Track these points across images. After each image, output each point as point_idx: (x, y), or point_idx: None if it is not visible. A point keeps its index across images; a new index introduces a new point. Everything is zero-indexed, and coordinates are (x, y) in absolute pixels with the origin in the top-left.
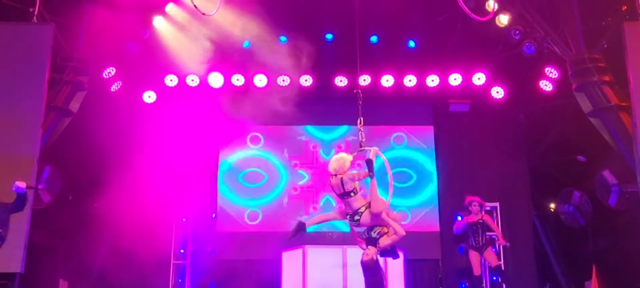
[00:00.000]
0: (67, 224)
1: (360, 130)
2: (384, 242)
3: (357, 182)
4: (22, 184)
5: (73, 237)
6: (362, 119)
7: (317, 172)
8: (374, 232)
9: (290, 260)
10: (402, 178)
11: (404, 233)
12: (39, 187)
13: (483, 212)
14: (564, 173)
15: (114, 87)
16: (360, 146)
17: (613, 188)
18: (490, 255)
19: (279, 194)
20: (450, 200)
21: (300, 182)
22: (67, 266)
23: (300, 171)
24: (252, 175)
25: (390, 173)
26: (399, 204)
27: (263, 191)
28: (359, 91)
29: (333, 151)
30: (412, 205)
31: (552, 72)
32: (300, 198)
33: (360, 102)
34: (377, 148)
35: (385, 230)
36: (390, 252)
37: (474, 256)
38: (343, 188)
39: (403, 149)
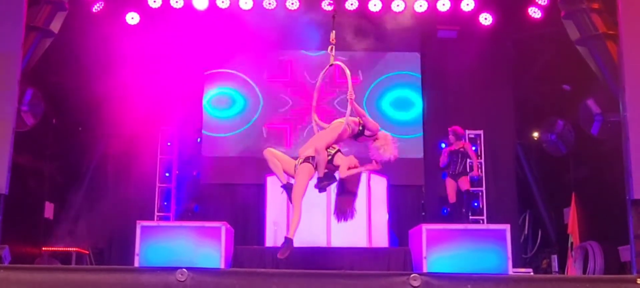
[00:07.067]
0: (52, 147)
1: (331, 44)
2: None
3: None
4: None
5: (58, 160)
6: (334, 32)
7: (301, 95)
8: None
9: (274, 184)
10: None
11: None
12: (22, 108)
13: (465, 140)
14: (548, 102)
15: (95, 8)
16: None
17: (596, 117)
18: (464, 181)
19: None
20: (435, 128)
21: (283, 109)
22: (52, 189)
23: (283, 95)
24: (227, 100)
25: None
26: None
27: (245, 116)
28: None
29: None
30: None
31: None
32: (283, 123)
33: (334, 17)
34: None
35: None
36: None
37: (449, 183)
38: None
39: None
